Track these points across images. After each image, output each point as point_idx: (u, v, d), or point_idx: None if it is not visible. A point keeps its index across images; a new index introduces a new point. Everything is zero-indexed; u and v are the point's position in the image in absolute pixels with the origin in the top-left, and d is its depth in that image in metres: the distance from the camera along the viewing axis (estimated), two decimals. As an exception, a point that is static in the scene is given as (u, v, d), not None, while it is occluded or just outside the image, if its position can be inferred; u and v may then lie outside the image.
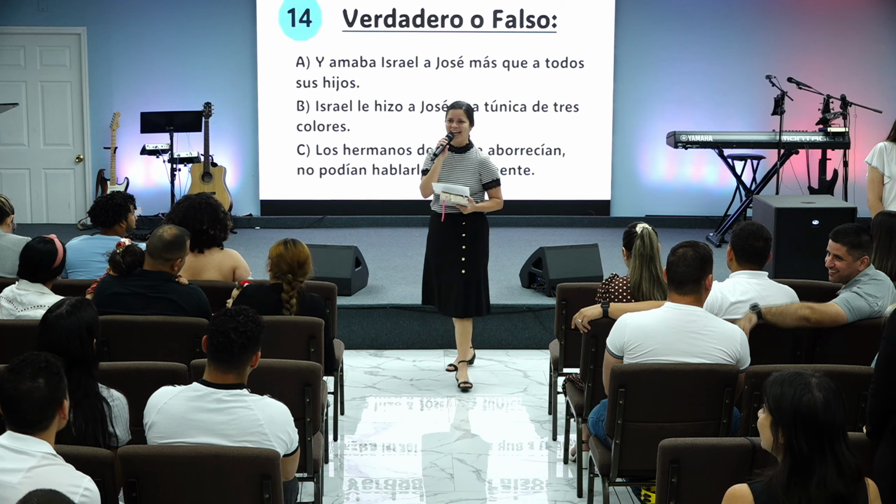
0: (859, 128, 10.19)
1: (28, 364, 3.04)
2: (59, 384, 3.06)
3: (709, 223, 10.73)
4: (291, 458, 3.58)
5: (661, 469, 3.44)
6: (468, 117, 6.44)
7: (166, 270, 4.90)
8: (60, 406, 3.07)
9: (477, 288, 6.59)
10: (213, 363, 3.48)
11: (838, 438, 2.80)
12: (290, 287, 4.94)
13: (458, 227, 6.48)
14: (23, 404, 3.00)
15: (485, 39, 10.83)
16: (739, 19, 10.92)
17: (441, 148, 6.38)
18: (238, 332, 3.44)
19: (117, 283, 4.89)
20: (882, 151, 6.63)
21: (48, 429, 3.04)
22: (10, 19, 10.69)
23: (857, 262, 4.68)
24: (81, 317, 3.63)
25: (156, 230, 4.99)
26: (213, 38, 10.80)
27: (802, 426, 2.80)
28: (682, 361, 4.12)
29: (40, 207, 10.97)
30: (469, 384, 6.61)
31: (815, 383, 2.84)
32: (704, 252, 4.17)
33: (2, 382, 3.03)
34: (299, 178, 10.92)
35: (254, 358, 3.53)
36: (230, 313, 3.51)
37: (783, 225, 7.68)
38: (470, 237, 6.51)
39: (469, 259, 6.53)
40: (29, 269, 4.83)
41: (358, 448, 5.75)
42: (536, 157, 10.97)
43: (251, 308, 3.59)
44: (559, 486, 5.24)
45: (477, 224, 6.53)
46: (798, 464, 2.79)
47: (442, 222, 6.47)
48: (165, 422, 3.44)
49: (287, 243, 5.00)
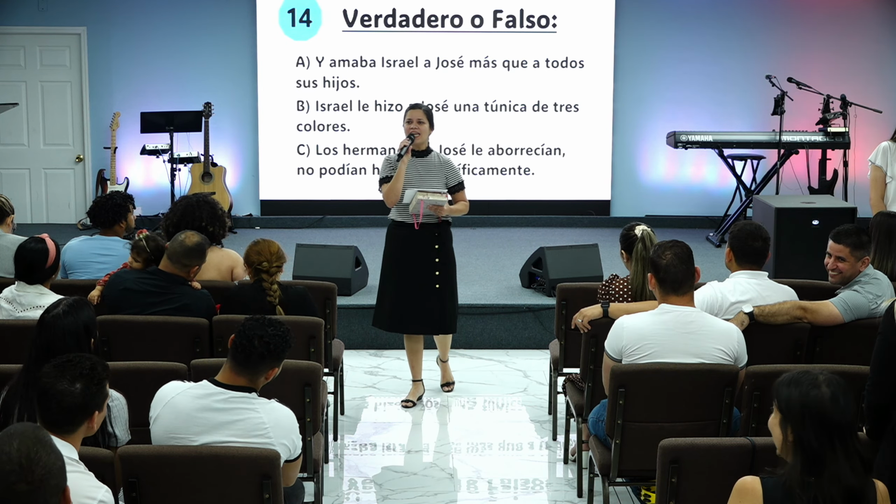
0: (859, 128, 10.19)
1: (73, 366, 3.02)
2: (97, 393, 3.03)
3: (709, 223, 10.73)
4: (293, 464, 3.58)
5: (661, 469, 3.44)
6: (428, 119, 6.09)
7: (182, 275, 4.92)
8: (91, 416, 3.03)
9: (453, 300, 6.23)
10: (230, 363, 3.48)
11: (848, 434, 2.81)
12: (269, 275, 5.02)
13: (431, 236, 6.07)
14: (53, 403, 2.97)
15: (485, 39, 10.84)
16: (739, 19, 10.92)
17: (405, 149, 5.97)
18: (262, 342, 3.44)
19: (131, 279, 4.91)
20: (886, 151, 6.66)
21: (74, 433, 3.02)
22: (10, 19, 10.69)
23: (859, 263, 4.69)
24: (79, 316, 3.63)
25: (177, 235, 5.00)
26: (213, 38, 10.81)
27: (811, 421, 2.80)
28: (682, 362, 4.13)
29: (40, 207, 10.97)
30: (453, 382, 6.58)
31: (823, 380, 2.85)
32: (687, 248, 4.22)
33: (42, 376, 3.01)
34: (299, 178, 10.93)
35: (270, 371, 3.52)
36: (263, 321, 3.50)
37: (783, 225, 7.68)
38: (442, 247, 6.11)
39: (443, 271, 6.11)
40: (23, 270, 4.83)
41: (358, 448, 5.75)
42: (536, 157, 10.97)
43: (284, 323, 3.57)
44: (559, 486, 5.24)
45: (448, 232, 6.16)
46: (809, 459, 2.79)
47: (415, 231, 6.03)
48: (170, 416, 3.44)
49: (254, 242, 5.12)
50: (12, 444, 2.40)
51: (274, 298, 5.00)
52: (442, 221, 6.09)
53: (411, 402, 6.34)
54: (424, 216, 6.02)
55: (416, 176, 6.06)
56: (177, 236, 4.98)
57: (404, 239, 6.11)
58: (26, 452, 2.39)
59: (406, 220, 6.07)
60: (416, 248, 6.08)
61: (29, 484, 2.37)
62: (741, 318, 4.50)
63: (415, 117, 6.07)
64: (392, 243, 6.19)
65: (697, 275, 4.24)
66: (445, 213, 6.03)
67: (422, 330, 6.25)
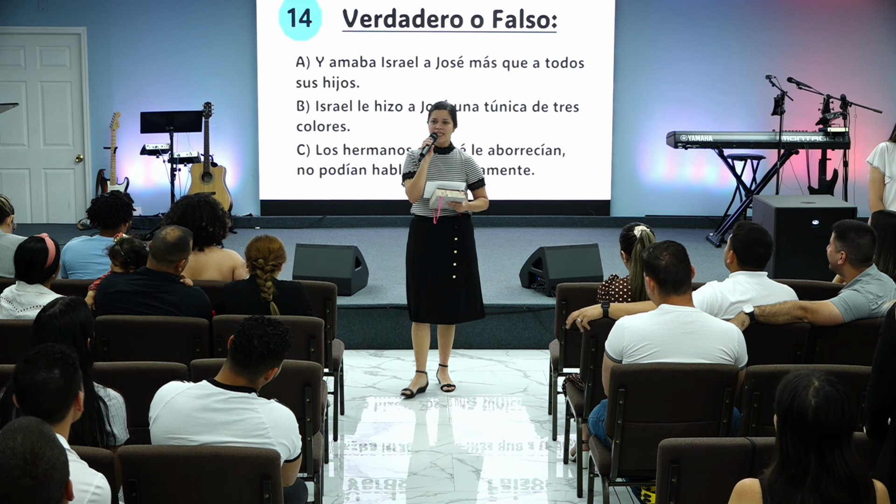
0: (859, 128, 10.19)
1: (43, 355, 3.03)
2: (73, 375, 3.04)
3: (709, 223, 10.73)
4: (293, 464, 3.58)
5: (661, 469, 3.44)
6: (452, 118, 6.28)
7: (170, 272, 4.92)
8: (76, 397, 3.04)
9: (474, 290, 6.45)
10: (229, 363, 3.48)
11: (832, 445, 2.78)
12: (263, 272, 5.03)
13: (450, 229, 6.31)
14: (38, 395, 2.98)
15: (485, 39, 10.84)
16: (739, 19, 10.92)
17: (427, 148, 6.18)
18: (262, 341, 3.44)
19: (121, 281, 4.91)
20: (884, 151, 6.65)
21: (63, 420, 3.02)
22: (10, 19, 10.69)
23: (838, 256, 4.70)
24: (75, 316, 3.63)
25: (158, 232, 4.99)
26: (213, 38, 10.81)
27: (790, 429, 2.81)
28: (683, 362, 4.12)
29: (40, 207, 10.97)
30: (453, 385, 6.60)
31: (814, 388, 2.82)
32: (682, 247, 4.24)
33: (17, 374, 3.02)
34: (299, 178, 10.93)
35: (270, 371, 3.52)
36: (262, 321, 3.51)
37: (783, 225, 7.68)
38: (461, 239, 6.34)
39: (462, 263, 6.34)
40: (22, 269, 4.83)
41: (358, 448, 5.75)
42: (536, 157, 10.97)
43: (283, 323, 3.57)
44: (559, 486, 5.24)
45: (467, 225, 6.39)
46: (784, 464, 2.80)
47: (434, 225, 6.26)
48: (170, 416, 3.44)
49: (256, 238, 5.15)
50: (16, 439, 2.41)
51: (268, 295, 5.02)
52: (461, 215, 6.33)
53: (410, 392, 6.45)
54: (443, 210, 6.24)
55: (438, 172, 6.27)
56: (157, 234, 4.97)
57: (426, 233, 6.34)
58: (30, 447, 2.41)
59: (427, 215, 6.31)
60: (436, 241, 6.32)
61: (33, 479, 2.38)
62: (742, 319, 4.50)
63: (440, 117, 6.26)
64: (415, 237, 6.43)
65: (692, 273, 4.26)
66: (464, 209, 6.27)
67: (441, 319, 6.46)
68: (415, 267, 6.42)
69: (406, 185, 6.30)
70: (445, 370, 6.65)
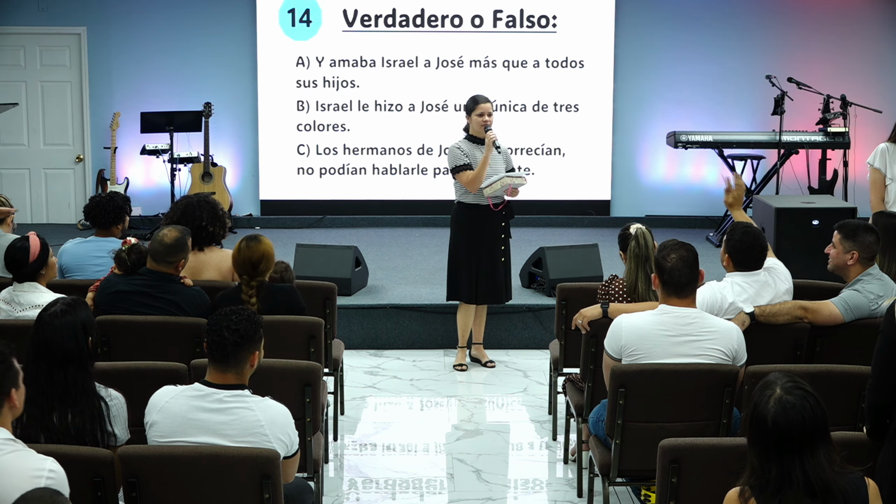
0: (859, 128, 10.19)
1: None
2: (6, 372, 2.97)
3: (709, 223, 10.73)
4: (291, 460, 3.58)
5: (661, 469, 3.44)
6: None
7: (170, 272, 4.91)
8: (8, 395, 2.97)
9: (510, 272, 6.94)
10: (212, 363, 3.48)
11: (792, 454, 2.74)
12: (249, 287, 4.87)
13: (500, 215, 6.72)
14: None
15: (485, 39, 10.83)
16: (739, 19, 10.92)
17: (494, 143, 6.61)
18: (231, 330, 3.44)
19: (121, 281, 4.91)
20: (884, 152, 6.63)
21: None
22: (10, 19, 10.69)
23: (847, 256, 4.67)
24: (76, 315, 3.62)
25: (156, 233, 4.98)
26: (213, 38, 10.81)
27: (752, 438, 2.81)
28: (681, 362, 4.12)
29: (40, 207, 10.97)
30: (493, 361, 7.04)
31: (775, 397, 2.78)
32: (694, 252, 4.20)
33: None
34: (299, 178, 10.93)
35: (252, 357, 3.51)
36: (225, 312, 3.51)
37: (783, 225, 7.68)
38: (507, 225, 6.79)
39: (507, 246, 6.81)
40: (9, 268, 4.87)
41: (358, 448, 5.75)
42: (536, 157, 10.97)
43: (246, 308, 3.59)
44: (559, 486, 5.24)
45: (512, 211, 6.83)
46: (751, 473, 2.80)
47: (492, 211, 6.64)
48: (166, 421, 3.44)
49: (242, 244, 4.92)
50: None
51: (253, 307, 4.81)
52: (507, 203, 6.75)
53: (464, 366, 6.97)
54: (497, 198, 6.64)
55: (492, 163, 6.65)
56: (155, 235, 4.95)
57: (481, 219, 6.71)
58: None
59: (481, 202, 6.64)
60: (491, 226, 6.73)
61: None
62: (742, 319, 4.50)
63: (486, 110, 6.76)
64: (467, 224, 6.75)
65: (701, 277, 4.24)
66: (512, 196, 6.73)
67: (496, 299, 6.89)
68: (470, 252, 6.75)
69: (466, 177, 6.59)
70: (482, 347, 7.08)
